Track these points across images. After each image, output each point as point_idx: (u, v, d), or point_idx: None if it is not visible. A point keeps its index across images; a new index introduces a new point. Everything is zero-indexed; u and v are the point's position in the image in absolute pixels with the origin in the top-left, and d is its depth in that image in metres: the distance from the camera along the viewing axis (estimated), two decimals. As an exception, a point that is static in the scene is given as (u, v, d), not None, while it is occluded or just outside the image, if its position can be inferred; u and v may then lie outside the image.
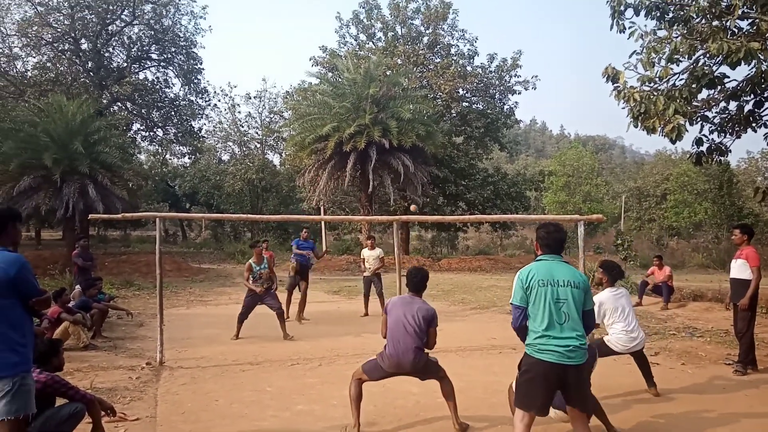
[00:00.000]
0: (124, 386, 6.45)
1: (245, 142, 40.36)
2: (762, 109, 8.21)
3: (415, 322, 4.89)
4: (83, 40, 31.36)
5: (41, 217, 23.39)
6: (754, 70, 6.85)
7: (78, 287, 10.20)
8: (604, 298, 5.81)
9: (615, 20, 7.49)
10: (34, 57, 31.14)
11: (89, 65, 31.54)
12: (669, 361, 7.66)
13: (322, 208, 22.14)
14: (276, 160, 41.81)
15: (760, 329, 8.66)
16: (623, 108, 7.18)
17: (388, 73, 24.69)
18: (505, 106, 30.66)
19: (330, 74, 26.95)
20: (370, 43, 30.35)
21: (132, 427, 5.16)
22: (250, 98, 39.37)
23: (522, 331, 3.87)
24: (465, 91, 29.29)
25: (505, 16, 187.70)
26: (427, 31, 29.67)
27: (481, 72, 29.59)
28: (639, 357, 6.06)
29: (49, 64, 31.17)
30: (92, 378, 6.67)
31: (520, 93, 30.15)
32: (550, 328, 3.69)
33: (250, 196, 39.11)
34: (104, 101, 31.05)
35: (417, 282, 5.14)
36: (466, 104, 29.76)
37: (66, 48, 31.32)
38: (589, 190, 39.62)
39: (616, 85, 7.16)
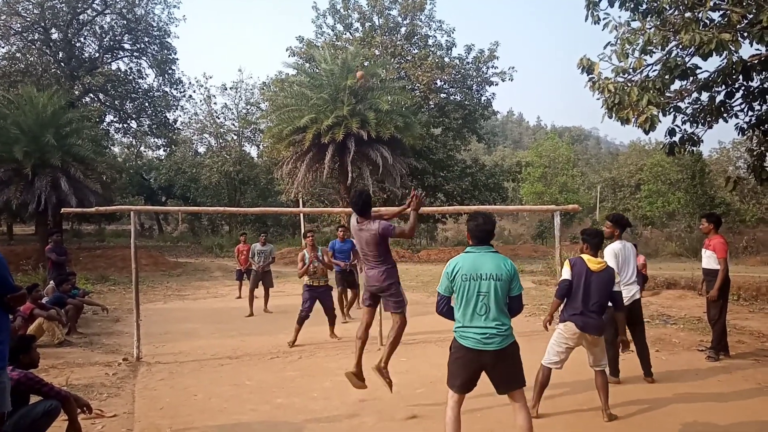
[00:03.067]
0: (101, 382, 6.37)
1: (222, 134, 39.87)
2: (733, 100, 8.34)
3: (369, 244, 5.27)
4: (53, 30, 30.66)
5: (13, 212, 22.88)
6: (725, 61, 6.94)
7: (52, 283, 10.04)
8: (617, 248, 6.08)
9: (590, 11, 7.54)
10: (3, 47, 30.43)
11: (60, 55, 30.86)
12: (643, 348, 7.79)
13: (300, 200, 22.11)
14: (253, 152, 41.49)
15: (731, 316, 8.86)
16: (598, 99, 7.23)
17: (365, 64, 24.57)
18: (483, 98, 30.77)
19: (307, 65, 26.72)
20: (348, 34, 30.18)
21: (109, 424, 5.10)
22: (226, 89, 38.87)
23: (446, 314, 4.14)
24: (443, 83, 29.31)
25: (481, 8, 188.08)
26: (405, 22, 29.59)
27: (458, 63, 29.63)
28: (637, 332, 6.26)
29: (18, 55, 30.43)
30: (68, 375, 6.57)
31: (497, 84, 30.32)
32: (471, 319, 3.94)
33: (228, 189, 38.75)
34: (76, 92, 30.42)
35: (362, 204, 5.34)
36: (444, 95, 29.80)
37: (36, 38, 30.59)
38: (565, 181, 40.04)
39: (591, 76, 7.20)
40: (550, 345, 5.25)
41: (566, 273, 5.13)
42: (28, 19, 29.71)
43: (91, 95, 33.49)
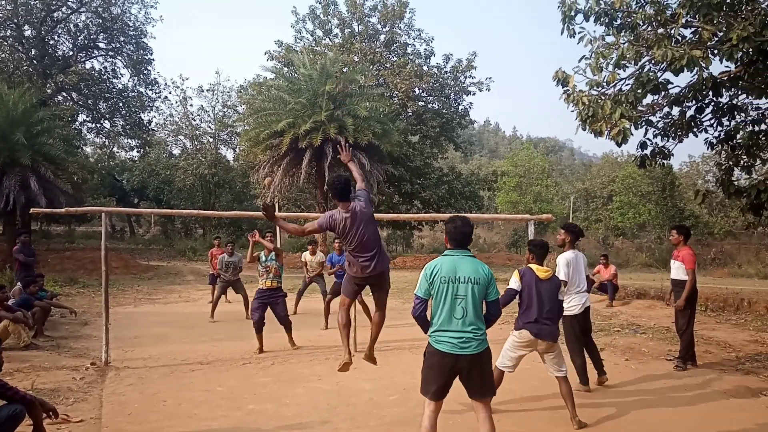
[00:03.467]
0: (68, 387, 6.24)
1: (197, 136, 39.43)
2: (703, 115, 8.55)
3: (365, 225, 5.02)
4: (27, 27, 30.03)
5: (-21, 212, 22.30)
6: (696, 77, 7.12)
7: (19, 284, 9.81)
8: (570, 257, 6.16)
9: (566, 25, 7.66)
10: (-27, 43, 29.67)
11: (33, 53, 30.23)
12: (613, 356, 7.92)
13: (276, 205, 21.96)
14: (229, 155, 41.08)
15: (699, 326, 9.06)
16: (572, 111, 7.35)
17: (344, 70, 24.58)
18: (460, 107, 31.01)
19: (285, 69, 26.64)
20: (327, 40, 30.17)
21: (75, 429, 5.00)
22: (203, 91, 38.48)
23: (422, 320, 4.10)
24: (421, 91, 29.49)
25: (459, 18, 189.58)
26: (384, 29, 29.71)
27: (436, 72, 29.84)
28: (588, 338, 6.44)
29: (-11, 51, 29.74)
30: (33, 378, 6.42)
31: (474, 94, 30.58)
32: (447, 322, 3.94)
33: (202, 192, 38.34)
34: (48, 91, 29.81)
35: (341, 189, 5.04)
36: (422, 104, 29.97)
37: (8, 34, 29.90)
38: (539, 191, 40.48)
39: (566, 88, 7.31)
40: (504, 350, 5.39)
41: (514, 283, 5.25)
42: (1, 15, 29.05)
43: (64, 94, 32.85)
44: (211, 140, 39.58)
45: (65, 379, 6.60)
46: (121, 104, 33.57)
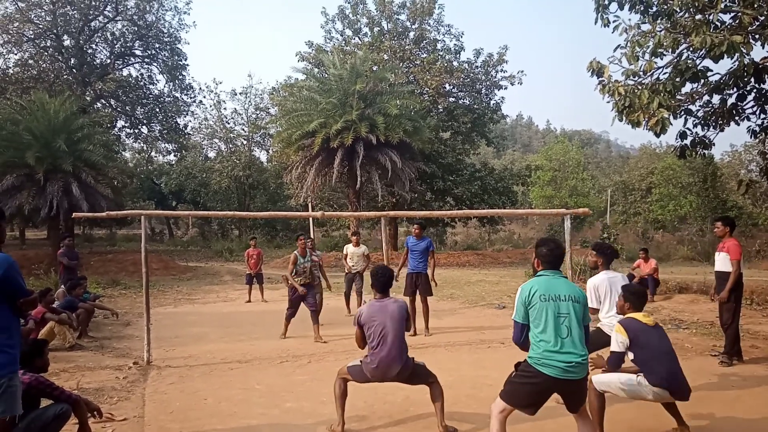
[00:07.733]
0: (111, 386, 6.39)
1: (231, 139, 40.16)
2: (745, 102, 8.29)
3: (395, 327, 4.75)
4: (65, 37, 31.03)
5: (25, 217, 23.15)
6: (736, 63, 6.89)
7: (63, 287, 10.11)
8: (598, 281, 5.55)
9: (599, 14, 7.51)
10: (16, 54, 30.75)
11: (72, 62, 31.19)
12: (655, 352, 7.72)
13: (309, 204, 22.18)
14: (263, 156, 41.79)
15: (745, 320, 8.76)
16: (608, 102, 7.20)
17: (374, 69, 24.63)
18: (492, 101, 30.74)
19: (316, 70, 26.86)
20: (356, 39, 30.27)
21: (119, 428, 5.12)
22: (236, 94, 39.26)
23: (525, 347, 3.91)
24: (451, 87, 29.32)
25: (490, 11, 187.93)
26: (413, 26, 29.64)
27: (467, 67, 29.62)
28: None
29: (30, 61, 30.76)
30: (79, 378, 6.60)
31: (506, 88, 30.30)
32: (554, 343, 3.73)
33: (237, 193, 38.96)
34: (87, 98, 30.74)
35: (384, 281, 4.95)
36: (453, 99, 29.80)
37: (48, 44, 30.96)
38: (575, 185, 39.88)
39: (601, 79, 7.17)
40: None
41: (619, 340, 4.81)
42: (41, 26, 30.06)
43: (103, 101, 33.81)
44: (244, 142, 40.25)
45: (109, 378, 6.76)
46: (157, 109, 34.40)
